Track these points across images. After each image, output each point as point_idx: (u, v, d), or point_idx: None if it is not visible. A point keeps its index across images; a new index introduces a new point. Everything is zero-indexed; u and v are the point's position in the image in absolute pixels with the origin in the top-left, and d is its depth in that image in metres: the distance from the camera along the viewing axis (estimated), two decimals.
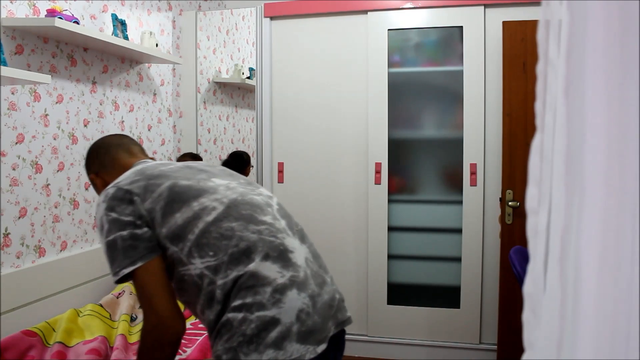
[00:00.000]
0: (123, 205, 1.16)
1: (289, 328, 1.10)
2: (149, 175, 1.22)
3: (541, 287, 0.59)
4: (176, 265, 1.18)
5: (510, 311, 2.62)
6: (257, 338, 1.09)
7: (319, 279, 1.22)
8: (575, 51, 0.58)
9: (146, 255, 1.14)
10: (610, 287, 0.56)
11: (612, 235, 0.56)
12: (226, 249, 1.14)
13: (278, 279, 1.14)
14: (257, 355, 1.08)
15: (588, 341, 0.56)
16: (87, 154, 1.43)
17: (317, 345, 1.13)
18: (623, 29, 0.56)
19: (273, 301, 1.11)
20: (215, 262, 1.14)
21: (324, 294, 1.21)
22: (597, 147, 0.56)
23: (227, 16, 3.32)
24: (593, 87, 0.57)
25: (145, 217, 1.17)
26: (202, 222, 1.16)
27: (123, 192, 1.18)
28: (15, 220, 2.01)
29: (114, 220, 1.16)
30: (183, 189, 1.20)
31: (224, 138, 3.35)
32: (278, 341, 1.09)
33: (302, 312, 1.13)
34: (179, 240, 1.16)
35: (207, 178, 1.26)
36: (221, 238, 1.15)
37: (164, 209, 1.17)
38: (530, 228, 0.61)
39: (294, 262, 1.19)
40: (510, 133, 2.64)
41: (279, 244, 1.19)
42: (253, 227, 1.18)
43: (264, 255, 1.15)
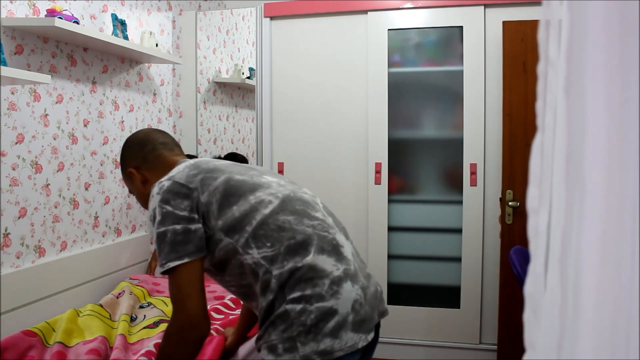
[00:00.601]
0: (179, 199, 1.18)
1: (345, 318, 1.16)
2: (205, 169, 1.25)
3: (542, 287, 0.59)
4: (232, 256, 1.21)
5: (510, 311, 2.62)
6: (316, 328, 1.14)
7: (365, 272, 1.30)
8: (576, 51, 0.58)
9: (194, 253, 1.17)
10: (610, 287, 0.56)
11: (613, 235, 0.56)
12: (283, 240, 1.19)
13: (334, 271, 1.19)
14: (315, 344, 1.13)
15: (588, 341, 0.56)
16: (128, 147, 1.41)
17: (368, 334, 1.20)
18: (623, 29, 0.56)
19: (331, 293, 1.16)
20: (272, 253, 1.18)
21: (371, 286, 1.29)
22: (597, 147, 0.56)
23: (227, 16, 3.32)
24: (593, 86, 0.57)
25: (202, 210, 1.19)
26: (260, 214, 1.20)
27: (179, 185, 1.20)
28: (15, 220, 2.01)
29: (168, 213, 1.18)
30: (239, 183, 1.24)
31: (224, 138, 3.35)
32: (335, 330, 1.15)
33: (357, 302, 1.19)
34: (235, 232, 1.20)
35: (259, 175, 1.31)
36: (278, 230, 1.20)
37: (220, 201, 1.20)
38: (531, 228, 0.61)
39: (345, 256, 1.25)
40: (510, 133, 2.64)
41: (331, 238, 1.25)
42: (307, 222, 1.23)
43: (320, 249, 1.20)
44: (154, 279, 2.58)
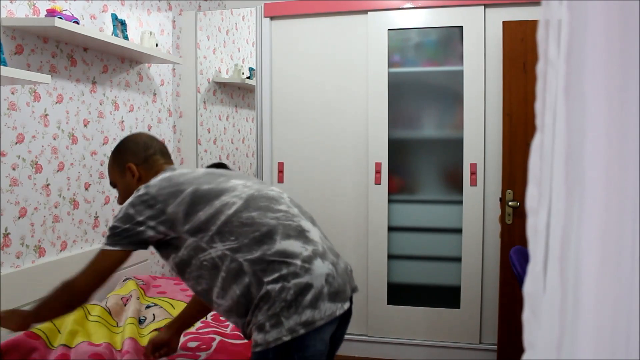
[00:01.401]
0: (143, 207, 1.36)
1: (321, 290, 1.31)
2: (175, 183, 1.40)
3: (541, 287, 0.59)
4: (195, 254, 1.36)
5: (510, 311, 2.62)
6: (296, 302, 1.28)
7: (333, 252, 1.45)
8: (575, 51, 0.58)
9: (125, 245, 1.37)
10: (610, 287, 0.56)
11: (612, 235, 0.56)
12: (247, 234, 1.33)
13: (303, 252, 1.34)
14: (297, 317, 1.27)
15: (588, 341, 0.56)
16: (133, 144, 1.57)
17: (344, 303, 1.36)
18: (623, 29, 0.56)
19: (304, 270, 1.31)
20: (237, 244, 1.33)
21: (340, 262, 1.43)
22: (597, 147, 0.56)
23: (227, 16, 3.32)
24: (593, 86, 0.57)
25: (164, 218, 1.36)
26: (224, 215, 1.35)
27: (149, 197, 1.37)
28: (15, 220, 2.01)
29: (129, 215, 1.37)
30: (205, 192, 1.38)
31: (224, 138, 3.35)
32: (313, 302, 1.29)
33: (329, 276, 1.34)
34: (200, 232, 1.35)
35: (226, 180, 1.45)
36: (242, 226, 1.34)
37: (187, 210, 1.36)
38: (530, 228, 0.61)
39: (312, 239, 1.40)
40: (510, 133, 2.64)
41: (296, 225, 1.40)
42: (271, 215, 1.38)
43: (285, 235, 1.35)
44: (154, 280, 2.58)
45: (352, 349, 3.00)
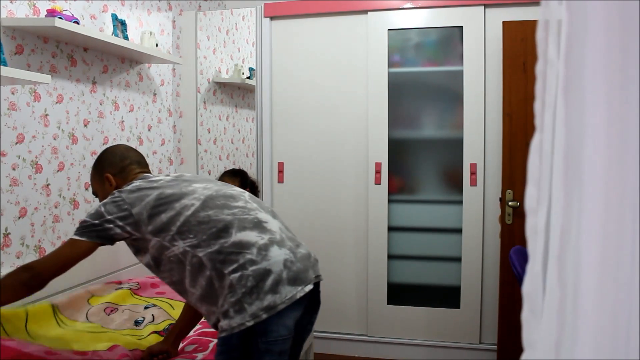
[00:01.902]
0: (113, 207, 1.49)
1: (280, 275, 1.38)
2: (142, 188, 1.53)
3: (540, 286, 0.59)
4: (162, 252, 1.48)
5: (510, 311, 2.62)
6: (257, 288, 1.36)
7: (294, 241, 1.51)
8: (575, 51, 0.58)
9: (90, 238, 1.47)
10: (609, 287, 0.56)
11: (612, 235, 0.56)
12: (204, 231, 1.43)
13: (259, 241, 1.42)
14: (259, 302, 1.35)
15: (587, 341, 0.56)
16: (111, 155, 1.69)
17: (305, 286, 1.42)
18: (623, 29, 0.56)
19: (261, 257, 1.39)
20: (196, 241, 1.43)
21: (301, 249, 1.50)
22: (596, 147, 0.56)
23: (227, 16, 3.32)
24: (592, 86, 0.57)
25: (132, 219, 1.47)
26: (183, 217, 1.46)
27: (120, 199, 1.50)
28: (15, 220, 2.01)
29: (100, 212, 1.49)
30: (167, 196, 1.50)
31: (224, 138, 3.35)
32: (274, 287, 1.36)
33: (287, 261, 1.41)
34: (162, 232, 1.46)
35: (188, 185, 1.55)
36: (199, 224, 1.44)
37: (150, 212, 1.47)
38: (530, 227, 0.61)
39: (269, 229, 1.48)
40: (510, 133, 2.64)
41: (252, 218, 1.48)
42: (227, 211, 1.47)
43: (241, 228, 1.44)
44: (151, 280, 2.57)
45: (352, 349, 3.00)
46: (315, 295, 1.56)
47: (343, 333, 3.04)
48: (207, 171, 3.25)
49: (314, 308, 1.57)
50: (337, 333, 3.04)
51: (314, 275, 1.48)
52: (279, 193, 3.08)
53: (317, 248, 3.00)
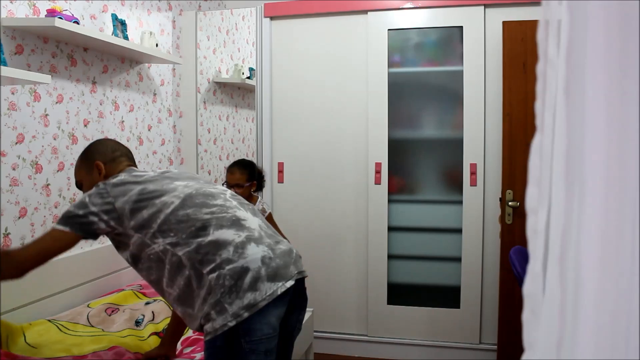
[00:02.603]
0: (98, 199, 1.47)
1: (259, 272, 1.36)
2: (126, 181, 1.52)
3: (540, 287, 0.59)
4: (142, 249, 1.46)
5: (510, 311, 2.62)
6: (235, 287, 1.34)
7: (273, 238, 1.50)
8: (575, 51, 0.58)
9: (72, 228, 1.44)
10: (610, 287, 0.56)
11: (612, 235, 0.56)
12: (184, 229, 1.43)
13: (236, 239, 1.41)
14: (239, 301, 1.33)
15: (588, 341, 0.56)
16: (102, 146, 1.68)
17: (286, 281, 1.40)
18: (623, 29, 0.56)
19: (237, 255, 1.38)
20: (175, 239, 1.42)
21: (281, 245, 1.48)
22: (597, 147, 0.56)
23: (227, 16, 3.32)
24: (593, 86, 0.57)
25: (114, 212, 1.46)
26: (163, 214, 1.45)
27: (104, 191, 1.49)
28: (15, 220, 2.01)
29: (84, 203, 1.47)
30: (149, 192, 1.49)
31: (224, 138, 3.35)
32: (252, 284, 1.35)
33: (265, 257, 1.40)
34: (143, 229, 1.45)
35: (170, 182, 1.55)
36: (178, 223, 1.44)
37: (132, 207, 1.46)
38: (530, 228, 0.61)
39: (247, 227, 1.46)
40: (510, 133, 2.64)
41: (230, 216, 1.47)
42: (205, 210, 1.47)
43: (218, 226, 1.43)
44: None
45: (352, 349, 3.00)
46: (301, 292, 1.53)
47: (343, 333, 3.04)
48: (207, 171, 3.25)
49: (301, 305, 1.55)
50: (337, 333, 3.04)
51: (296, 271, 1.46)
52: (279, 193, 3.08)
53: (317, 248, 3.00)
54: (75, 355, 1.74)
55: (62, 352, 1.77)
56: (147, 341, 1.92)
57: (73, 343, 1.84)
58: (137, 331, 1.99)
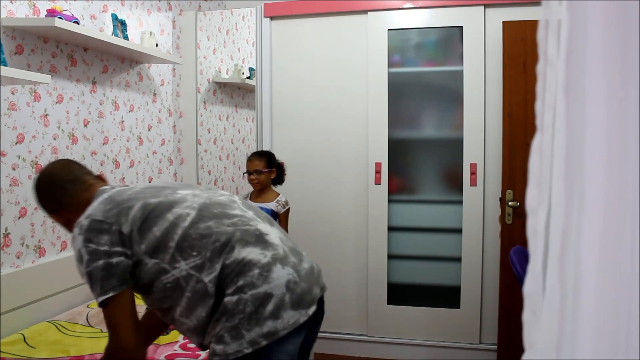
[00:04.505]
0: (99, 236, 1.23)
1: (282, 298, 1.23)
2: (119, 202, 1.29)
3: (541, 287, 0.59)
4: (158, 277, 1.26)
5: (510, 311, 2.62)
6: (256, 314, 1.21)
7: (295, 253, 1.36)
8: (575, 51, 0.58)
9: (118, 287, 1.22)
10: (610, 287, 0.56)
11: (612, 235, 0.56)
12: (207, 245, 1.25)
13: (262, 259, 1.26)
14: (259, 328, 1.20)
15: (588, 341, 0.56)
16: (38, 193, 1.41)
17: (308, 309, 1.27)
18: (623, 29, 0.56)
19: (262, 279, 1.23)
20: (200, 261, 1.24)
21: (304, 263, 1.34)
22: (597, 147, 0.56)
23: (227, 16, 3.32)
24: (593, 86, 0.57)
25: (125, 240, 1.24)
26: (180, 229, 1.26)
27: (98, 222, 1.25)
28: (15, 220, 2.01)
29: (92, 251, 1.23)
30: (154, 206, 1.29)
31: (224, 138, 3.35)
32: (275, 312, 1.22)
33: (290, 282, 1.26)
34: (159, 251, 1.25)
35: (173, 192, 1.36)
36: (201, 237, 1.26)
37: (140, 227, 1.26)
38: (530, 228, 0.61)
39: (272, 243, 1.31)
40: (510, 133, 2.64)
41: (254, 230, 1.31)
42: (227, 221, 1.30)
43: (244, 243, 1.27)
44: None
45: (352, 349, 3.00)
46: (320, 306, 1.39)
47: (343, 333, 3.04)
48: (207, 171, 3.25)
49: (319, 319, 1.42)
50: (337, 333, 3.04)
51: (318, 291, 1.35)
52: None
53: (317, 248, 3.00)
54: (73, 356, 1.74)
55: (60, 352, 1.77)
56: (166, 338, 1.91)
57: (71, 343, 1.84)
58: None
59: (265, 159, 2.63)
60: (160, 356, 1.74)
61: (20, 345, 1.80)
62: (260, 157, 2.64)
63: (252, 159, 2.64)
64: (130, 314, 1.25)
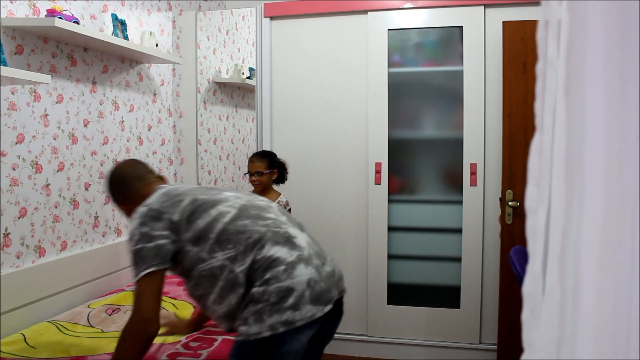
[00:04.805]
0: (153, 222, 1.45)
1: (302, 293, 1.39)
2: (173, 195, 1.52)
3: (540, 286, 0.59)
4: (196, 265, 1.46)
5: (510, 311, 2.62)
6: (278, 304, 1.38)
7: (320, 256, 1.52)
8: (575, 51, 0.58)
9: (157, 264, 1.42)
10: (610, 287, 0.56)
11: (612, 235, 0.56)
12: (242, 241, 1.44)
13: (288, 258, 1.43)
14: (279, 316, 1.37)
15: (588, 341, 0.56)
16: (109, 185, 1.67)
17: (325, 306, 1.43)
18: (623, 29, 0.55)
19: (286, 275, 1.40)
20: (234, 253, 1.43)
21: (327, 266, 1.51)
22: (597, 147, 0.56)
23: (227, 16, 3.32)
24: (593, 86, 0.56)
25: (174, 227, 1.45)
26: (221, 223, 1.46)
27: (154, 211, 1.47)
28: (15, 220, 2.01)
29: (145, 233, 1.43)
30: (202, 201, 1.51)
31: (224, 138, 3.35)
32: (295, 304, 1.38)
33: (311, 280, 1.42)
34: (200, 241, 1.45)
35: (219, 192, 1.58)
36: (237, 233, 1.45)
37: (188, 218, 1.47)
38: (529, 228, 0.60)
39: (298, 245, 1.48)
40: (510, 133, 2.64)
41: (284, 232, 1.49)
42: (261, 222, 1.49)
43: (274, 242, 1.45)
44: None
45: (352, 349, 3.00)
46: (339, 306, 1.57)
47: (343, 333, 3.04)
48: (207, 171, 3.25)
49: (337, 318, 1.59)
50: (337, 333, 3.02)
51: (336, 293, 1.50)
52: None
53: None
54: (74, 356, 1.75)
55: (61, 352, 1.78)
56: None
57: (72, 344, 1.84)
58: None
59: (266, 160, 2.61)
60: (163, 355, 1.75)
61: (21, 345, 1.80)
62: (261, 159, 2.61)
63: (253, 160, 2.62)
64: (157, 292, 1.42)
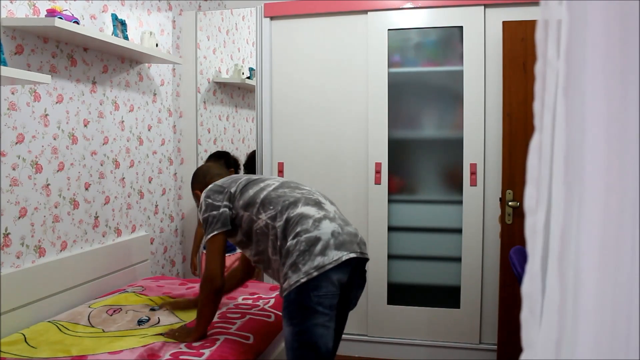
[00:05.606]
0: (216, 195, 1.89)
1: (328, 241, 1.69)
2: (234, 178, 1.98)
3: (539, 286, 0.59)
4: (251, 225, 1.84)
5: (510, 311, 2.62)
6: (308, 252, 1.67)
7: (345, 221, 1.83)
8: (575, 51, 0.58)
9: (220, 227, 1.85)
10: (610, 287, 0.56)
11: (612, 235, 0.56)
12: (280, 202, 1.81)
13: (316, 214, 1.76)
14: (310, 262, 1.66)
15: (588, 341, 0.56)
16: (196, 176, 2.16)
17: (349, 252, 1.70)
18: (623, 28, 0.55)
19: (314, 227, 1.72)
20: (273, 212, 1.79)
21: (349, 227, 1.80)
22: (596, 147, 0.56)
23: (227, 16, 3.32)
24: (592, 86, 0.56)
25: (231, 197, 1.88)
26: (265, 191, 1.86)
27: (218, 186, 1.93)
28: (15, 220, 2.01)
29: (210, 204, 1.87)
30: (254, 178, 1.96)
31: (224, 138, 3.35)
32: (322, 251, 1.67)
33: (335, 232, 1.72)
34: (250, 206, 1.84)
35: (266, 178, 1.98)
36: (277, 197, 1.83)
37: (242, 190, 1.89)
38: (529, 228, 0.60)
39: (326, 208, 1.82)
40: (510, 133, 2.64)
41: (315, 198, 1.85)
42: (298, 191, 1.87)
43: (306, 204, 1.80)
44: (155, 282, 2.56)
45: (352, 349, 3.00)
46: (361, 272, 1.83)
47: (343, 333, 3.03)
48: None
49: (359, 284, 1.84)
50: None
51: (359, 250, 1.74)
52: None
53: None
54: (74, 356, 1.74)
55: (61, 352, 1.77)
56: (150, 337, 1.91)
57: (72, 343, 1.84)
58: (138, 330, 1.98)
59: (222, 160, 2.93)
60: (166, 354, 1.74)
61: (21, 345, 1.80)
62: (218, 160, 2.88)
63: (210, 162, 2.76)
64: (220, 251, 1.84)
